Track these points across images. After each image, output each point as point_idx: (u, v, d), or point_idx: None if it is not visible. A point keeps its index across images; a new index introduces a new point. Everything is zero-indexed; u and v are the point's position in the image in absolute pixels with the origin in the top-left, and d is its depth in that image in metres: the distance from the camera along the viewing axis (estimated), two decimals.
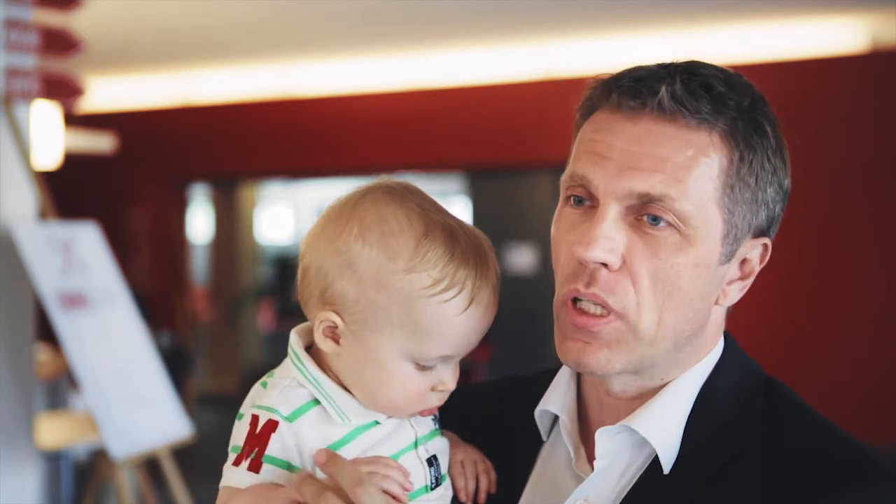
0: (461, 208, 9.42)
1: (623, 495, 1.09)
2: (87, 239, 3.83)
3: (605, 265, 1.05)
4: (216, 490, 1.12)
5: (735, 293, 1.11)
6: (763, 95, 1.10)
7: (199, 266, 11.66)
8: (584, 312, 1.06)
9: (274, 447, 1.08)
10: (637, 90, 1.05)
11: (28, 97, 3.71)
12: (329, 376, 1.13)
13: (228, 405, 10.54)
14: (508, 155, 8.34)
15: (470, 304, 1.09)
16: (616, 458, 1.11)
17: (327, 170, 9.56)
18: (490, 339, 8.79)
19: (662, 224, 1.04)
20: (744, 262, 1.10)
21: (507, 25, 6.97)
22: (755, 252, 1.11)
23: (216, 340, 11.00)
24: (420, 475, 1.13)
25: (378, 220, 1.09)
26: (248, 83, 9.05)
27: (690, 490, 1.05)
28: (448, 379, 1.13)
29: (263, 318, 11.68)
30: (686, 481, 1.06)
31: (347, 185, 1.17)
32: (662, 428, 1.08)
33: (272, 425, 1.09)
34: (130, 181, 9.65)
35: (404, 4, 6.39)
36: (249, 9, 6.39)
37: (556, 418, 1.18)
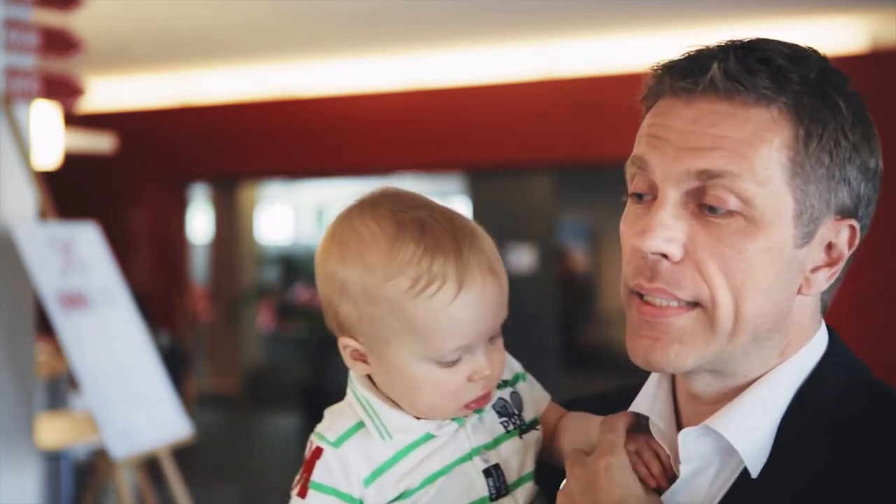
0: (461, 208, 9.42)
1: (714, 502, 1.02)
2: (87, 239, 3.83)
3: (665, 256, 0.99)
4: (216, 490, 1.13)
5: (822, 281, 1.02)
6: (839, 69, 1.03)
7: (199, 266, 11.66)
8: (651, 304, 1.00)
9: (319, 474, 1.10)
10: (688, 70, 1.00)
11: (28, 97, 3.71)
12: (382, 395, 1.13)
13: (228, 405, 10.55)
14: (508, 155, 8.33)
15: (459, 290, 1.07)
16: (705, 462, 1.03)
17: (327, 170, 9.55)
18: None
19: (723, 212, 0.97)
20: (829, 246, 1.02)
21: (507, 25, 6.97)
22: (842, 235, 1.02)
23: (216, 340, 10.99)
24: (477, 486, 1.11)
25: (353, 236, 1.10)
26: (248, 83, 9.04)
27: (787, 498, 0.98)
28: (482, 366, 1.10)
29: (263, 318, 11.68)
30: (781, 488, 0.98)
31: (347, 186, 1.17)
32: (748, 430, 1.00)
33: (318, 452, 1.11)
34: (130, 181, 9.65)
35: (404, 4, 6.39)
36: (249, 9, 6.39)
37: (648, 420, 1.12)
